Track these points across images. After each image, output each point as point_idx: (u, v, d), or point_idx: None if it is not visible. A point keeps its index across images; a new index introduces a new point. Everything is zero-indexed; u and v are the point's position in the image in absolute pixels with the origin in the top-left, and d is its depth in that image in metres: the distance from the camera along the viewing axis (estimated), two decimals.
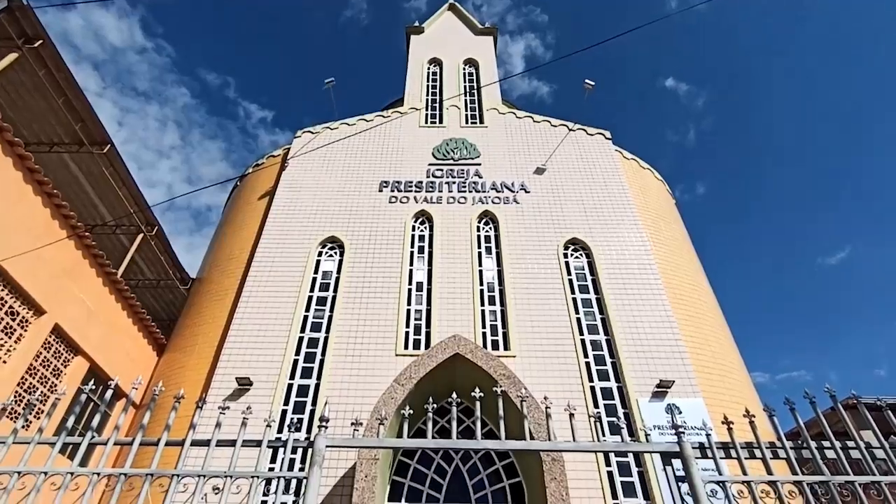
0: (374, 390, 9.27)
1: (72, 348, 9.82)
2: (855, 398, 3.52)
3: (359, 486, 7.58)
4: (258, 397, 9.82)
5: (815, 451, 3.26)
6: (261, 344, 10.85)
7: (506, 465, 9.25)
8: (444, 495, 8.93)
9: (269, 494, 8.58)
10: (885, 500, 3.04)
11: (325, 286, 12.13)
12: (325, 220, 13.41)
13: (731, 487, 3.15)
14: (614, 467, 9.18)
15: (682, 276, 12.80)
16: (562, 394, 9.60)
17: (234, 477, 3.20)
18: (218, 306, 12.08)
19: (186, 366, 11.14)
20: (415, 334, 11.17)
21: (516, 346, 10.76)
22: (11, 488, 3.08)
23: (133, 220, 12.84)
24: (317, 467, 3.26)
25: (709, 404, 9.71)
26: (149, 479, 3.15)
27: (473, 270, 12.27)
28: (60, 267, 9.54)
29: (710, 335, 11.69)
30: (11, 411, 8.01)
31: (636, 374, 10.34)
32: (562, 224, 13.30)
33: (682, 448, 3.30)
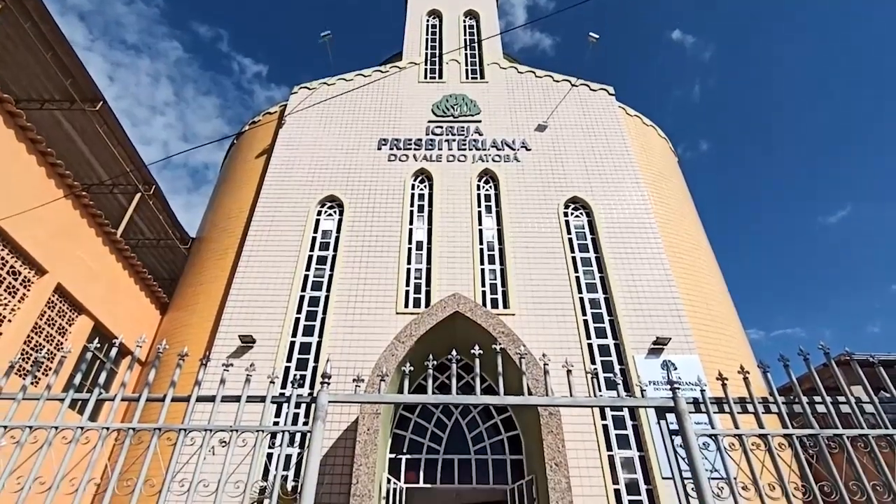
0: (375, 348, 9.43)
1: (75, 307, 9.92)
2: (848, 355, 3.58)
3: (361, 439, 7.82)
4: (261, 354, 10.00)
5: (805, 406, 3.34)
6: (262, 302, 10.96)
7: (504, 420, 9.52)
8: (444, 448, 9.22)
9: (274, 447, 8.87)
10: (871, 451, 3.13)
11: (325, 245, 12.15)
12: (323, 179, 13.29)
13: (723, 440, 3.24)
14: (609, 421, 9.45)
15: (681, 234, 12.79)
16: (560, 351, 9.78)
17: (239, 431, 3.29)
18: (219, 265, 12.13)
19: (189, 324, 11.29)
20: (415, 293, 11.26)
21: (515, 305, 10.87)
22: (24, 442, 3.17)
23: (130, 179, 12.71)
24: (320, 422, 3.35)
25: (704, 361, 9.90)
26: (157, 434, 3.24)
27: (473, 229, 12.25)
28: (59, 227, 9.51)
29: (708, 293, 11.80)
30: (20, 369, 8.19)
31: (633, 331, 10.49)
32: (562, 182, 13.19)
33: (677, 403, 3.38)
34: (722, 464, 3.14)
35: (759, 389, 6.74)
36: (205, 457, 3.17)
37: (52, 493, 2.97)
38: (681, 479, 3.26)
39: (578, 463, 8.53)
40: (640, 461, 9.03)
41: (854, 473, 3.04)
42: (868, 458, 3.15)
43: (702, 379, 3.68)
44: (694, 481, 3.10)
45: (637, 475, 8.90)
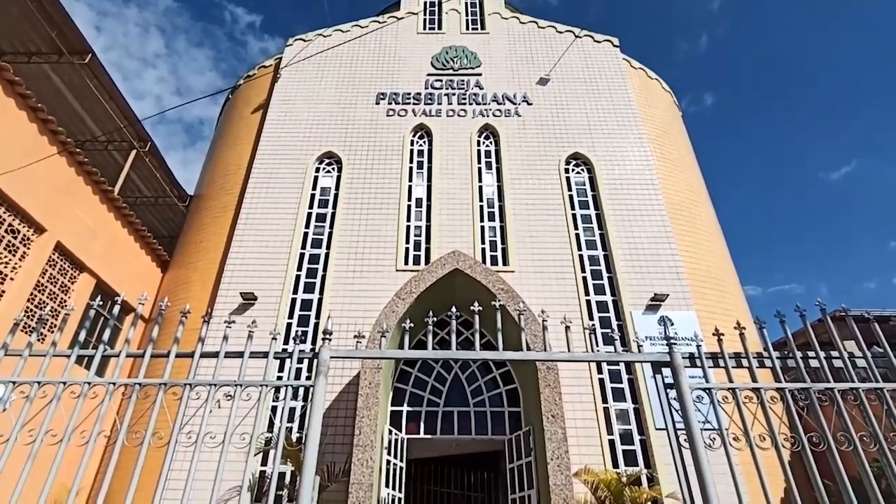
0: (376, 304, 9.53)
1: (76, 265, 9.95)
2: (843, 311, 3.62)
3: (363, 393, 8.02)
4: (263, 311, 10.12)
5: (799, 361, 3.39)
6: (263, 260, 11.00)
7: (503, 374, 9.73)
8: (444, 401, 9.48)
9: (278, 401, 9.11)
10: (860, 404, 3.21)
11: (323, 202, 12.08)
12: (321, 135, 13.08)
13: (717, 394, 3.32)
14: (606, 375, 9.67)
15: (682, 190, 12.70)
16: (559, 307, 9.88)
17: (244, 386, 3.36)
18: (218, 223, 12.11)
19: (191, 281, 11.38)
20: (415, 250, 11.29)
21: (515, 262, 10.91)
22: (34, 397, 3.24)
23: (124, 135, 12.50)
24: (322, 377, 3.42)
25: (701, 317, 10.03)
26: (163, 389, 3.31)
27: (473, 186, 12.16)
28: (55, 184, 9.43)
29: (707, 250, 11.83)
30: (25, 326, 8.30)
31: (631, 288, 10.58)
32: (564, 138, 12.98)
33: (673, 358, 3.43)
34: (715, 416, 3.23)
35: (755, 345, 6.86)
36: (210, 410, 3.25)
37: (64, 445, 3.06)
38: (674, 430, 3.36)
39: (574, 415, 8.78)
40: (635, 413, 9.30)
41: (842, 425, 3.13)
42: (857, 411, 3.23)
43: (698, 335, 3.73)
44: (687, 432, 3.19)
45: (631, 426, 9.18)
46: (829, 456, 3.06)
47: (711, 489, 3.00)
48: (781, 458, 3.08)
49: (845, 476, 3.00)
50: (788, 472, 3.05)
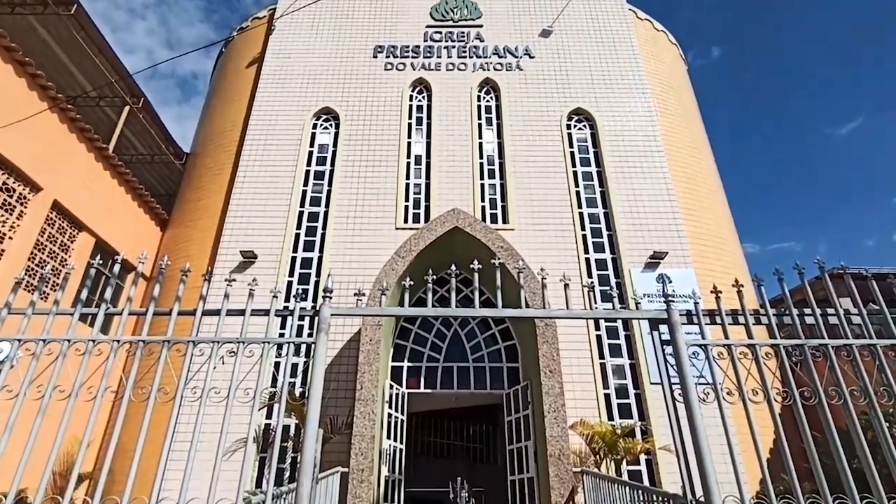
0: (376, 262, 9.56)
1: (75, 224, 9.92)
2: (842, 268, 3.63)
3: (364, 349, 8.17)
4: (263, 269, 10.16)
5: (795, 318, 3.43)
6: (262, 218, 10.96)
7: (502, 330, 9.88)
8: (444, 356, 9.65)
9: (281, 357, 9.28)
10: (853, 360, 3.26)
11: (321, 160, 11.93)
12: (318, 90, 12.78)
13: (712, 350, 3.37)
14: (603, 332, 9.82)
15: (685, 147, 12.52)
16: (558, 265, 9.92)
17: (246, 342, 3.40)
18: (216, 181, 11.99)
19: (190, 240, 11.38)
20: (414, 208, 11.24)
21: (515, 220, 10.88)
22: (39, 354, 3.29)
23: (116, 90, 12.19)
24: (323, 334, 3.46)
25: (699, 274, 10.09)
26: (166, 346, 3.36)
27: (473, 143, 11.98)
28: (48, 142, 9.28)
29: (708, 207, 11.77)
30: (27, 284, 8.36)
31: (631, 245, 10.60)
32: (566, 93, 12.69)
33: (670, 315, 3.47)
34: (710, 372, 3.29)
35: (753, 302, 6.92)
36: (215, 366, 3.31)
37: (72, 400, 3.13)
38: (669, 384, 3.43)
39: (571, 370, 8.97)
40: (631, 368, 9.50)
41: (834, 380, 3.19)
42: (850, 366, 3.29)
43: (696, 292, 3.76)
44: (681, 386, 3.26)
45: (627, 381, 9.40)
46: (820, 409, 3.14)
47: (704, 441, 3.09)
48: (773, 412, 3.16)
49: (834, 428, 3.09)
50: (779, 424, 3.14)
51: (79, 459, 3.05)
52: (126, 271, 10.47)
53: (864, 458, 3.00)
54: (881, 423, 3.09)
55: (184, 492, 2.90)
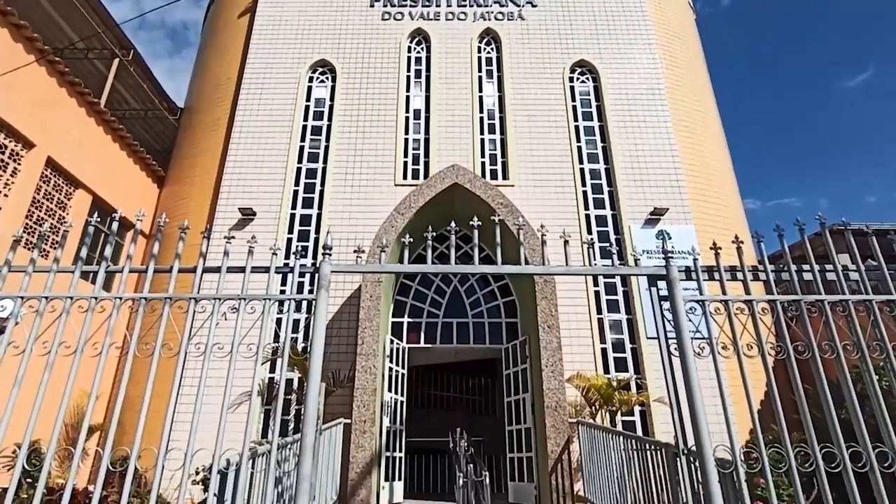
0: (375, 219, 9.53)
1: (71, 182, 9.83)
2: (843, 224, 3.61)
3: (364, 305, 8.27)
4: (262, 227, 10.14)
5: (793, 274, 3.45)
6: (260, 174, 10.85)
7: (501, 287, 9.96)
8: (444, 312, 9.77)
9: (282, 313, 9.39)
10: (848, 315, 3.30)
11: (318, 115, 11.69)
12: (313, 42, 12.37)
13: (709, 306, 3.40)
14: (602, 287, 9.90)
15: (690, 100, 12.24)
16: (558, 221, 9.88)
17: (247, 299, 3.43)
18: (212, 137, 11.79)
19: (188, 197, 11.30)
20: (413, 164, 11.10)
21: (515, 176, 10.78)
22: (43, 311, 3.32)
23: (104, 42, 11.81)
24: (324, 290, 3.49)
25: (699, 231, 10.08)
26: (168, 302, 3.39)
27: (473, 96, 11.72)
28: (37, 97, 9.06)
29: (710, 163, 11.63)
30: (27, 242, 8.35)
31: (631, 201, 10.54)
32: (569, 44, 12.30)
33: (669, 271, 3.49)
34: (706, 327, 3.34)
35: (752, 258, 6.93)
36: (217, 323, 3.36)
37: (78, 356, 3.19)
38: (665, 339, 3.49)
39: (569, 325, 9.09)
40: (628, 323, 9.63)
41: (829, 334, 3.24)
42: (844, 321, 3.33)
43: (696, 248, 3.77)
44: (678, 341, 3.32)
45: (623, 336, 9.55)
46: (812, 363, 3.20)
47: (697, 394, 3.17)
48: (766, 365, 3.23)
49: (825, 380, 3.16)
50: (772, 377, 3.21)
51: (88, 412, 3.14)
52: (125, 229, 10.45)
53: (853, 409, 3.08)
54: (871, 375, 3.16)
55: (191, 442, 2.99)
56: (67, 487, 2.94)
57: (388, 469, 8.16)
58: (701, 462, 3.05)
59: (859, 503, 2.87)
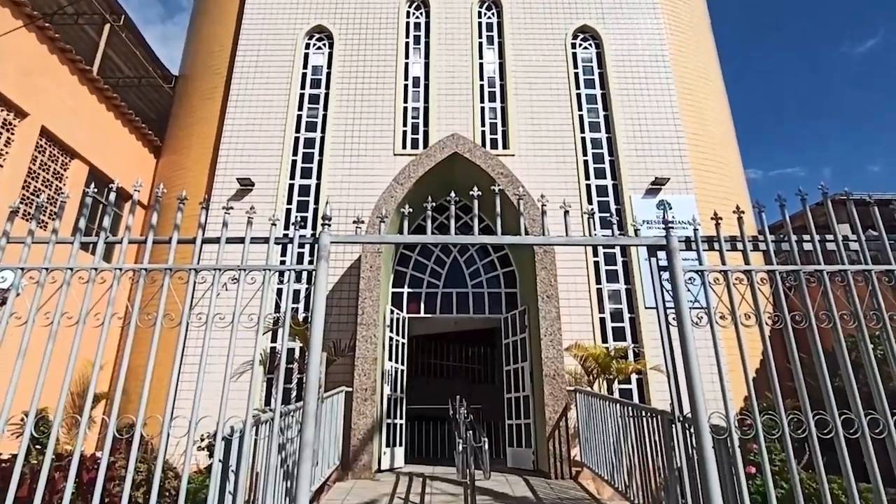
0: (374, 189, 9.47)
1: (67, 152, 9.72)
2: (845, 194, 3.59)
3: (364, 276, 8.29)
4: (261, 197, 10.08)
5: (793, 244, 3.44)
6: (257, 144, 10.73)
7: (500, 257, 9.97)
8: (443, 282, 9.82)
9: (283, 283, 9.43)
10: (847, 285, 3.32)
11: (316, 82, 11.48)
12: (310, 7, 12.04)
13: (709, 276, 3.41)
14: (601, 258, 9.91)
15: (694, 66, 12.00)
16: (558, 191, 9.83)
17: (247, 270, 3.44)
18: (208, 105, 11.60)
19: (186, 167, 11.20)
20: (412, 133, 10.97)
21: (515, 145, 10.66)
22: (44, 282, 3.33)
23: (94, 6, 11.49)
24: (323, 261, 3.49)
25: (700, 201, 10.03)
26: (168, 273, 3.39)
27: (473, 63, 11.48)
28: (28, 64, 8.87)
29: (713, 132, 11.49)
30: (24, 213, 8.31)
31: (632, 171, 10.46)
32: (572, 8, 11.98)
33: (669, 241, 3.48)
34: (705, 297, 3.36)
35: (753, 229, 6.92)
36: (218, 293, 3.37)
37: (80, 326, 3.21)
38: (664, 309, 3.51)
39: (568, 295, 9.15)
40: (626, 293, 9.69)
41: (826, 304, 3.26)
42: (842, 291, 3.35)
43: (696, 218, 3.76)
44: (676, 311, 3.34)
45: (622, 305, 9.62)
46: (809, 332, 3.23)
47: (694, 362, 3.21)
48: (763, 334, 3.26)
49: (821, 349, 3.19)
50: (768, 345, 3.24)
51: (93, 381, 3.18)
52: (122, 199, 10.37)
53: (847, 377, 3.13)
54: (867, 344, 3.20)
55: (195, 410, 3.04)
56: (75, 453, 3.00)
57: (390, 435, 8.34)
58: (696, 428, 3.11)
59: (849, 468, 2.94)
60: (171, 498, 4.00)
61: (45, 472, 2.93)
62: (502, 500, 6.26)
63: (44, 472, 2.92)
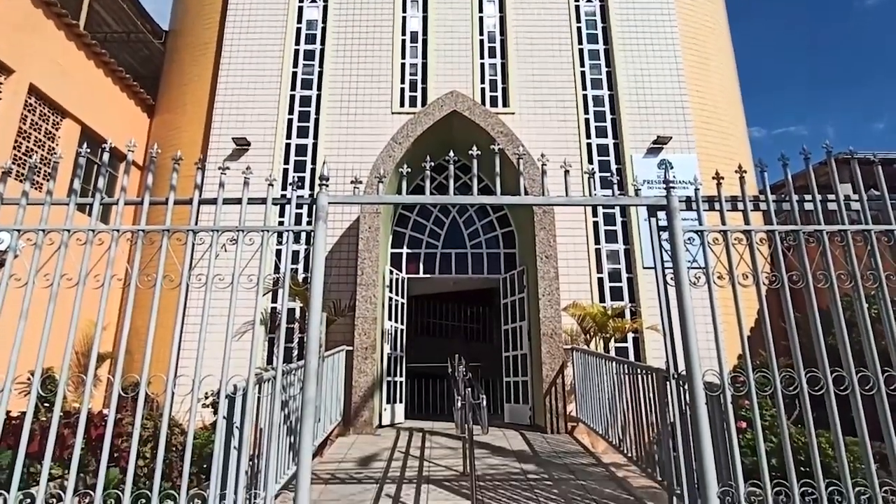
0: (372, 149, 9.34)
1: (57, 111, 9.51)
2: (850, 153, 3.54)
3: (363, 237, 8.29)
4: (257, 157, 9.95)
5: (795, 204, 3.42)
6: (252, 103, 10.50)
7: (499, 217, 9.93)
8: (442, 243, 9.82)
9: (281, 244, 9.42)
10: (846, 245, 3.32)
11: (311, 38, 11.13)
12: None
13: (708, 236, 3.41)
14: (600, 218, 9.88)
15: (700, 19, 11.61)
16: (559, 151, 9.68)
17: (245, 231, 3.43)
18: (201, 62, 11.28)
19: (180, 127, 10.99)
20: (410, 91, 10.72)
21: (515, 103, 10.45)
22: (41, 244, 3.32)
23: None
24: (322, 222, 3.47)
25: (702, 160, 9.92)
26: (166, 235, 3.38)
27: (473, 17, 11.11)
28: (11, 20, 8.56)
29: (717, 89, 11.23)
30: (17, 174, 8.21)
31: (634, 129, 10.30)
32: None
33: (669, 201, 3.46)
34: (703, 257, 3.36)
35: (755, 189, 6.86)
36: (217, 254, 3.37)
37: (81, 287, 3.22)
38: (662, 268, 3.52)
39: (567, 255, 9.17)
40: (625, 253, 9.71)
41: (824, 264, 3.27)
42: (841, 251, 3.35)
43: (697, 178, 3.72)
44: (674, 271, 3.35)
45: (620, 265, 9.66)
46: (805, 291, 3.25)
47: (690, 322, 3.24)
48: (760, 294, 3.28)
49: (816, 308, 3.23)
50: (764, 305, 3.27)
51: (96, 341, 3.22)
52: (116, 160, 10.23)
53: (840, 335, 3.17)
54: (862, 303, 3.23)
55: (198, 369, 3.10)
56: (83, 410, 3.07)
57: (390, 392, 8.54)
58: (690, 385, 3.18)
59: (838, 422, 3.02)
60: (177, 453, 4.12)
61: (54, 427, 3.00)
62: (500, 453, 6.46)
63: (53, 427, 3.00)
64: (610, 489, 4.95)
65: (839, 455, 2.99)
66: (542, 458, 6.23)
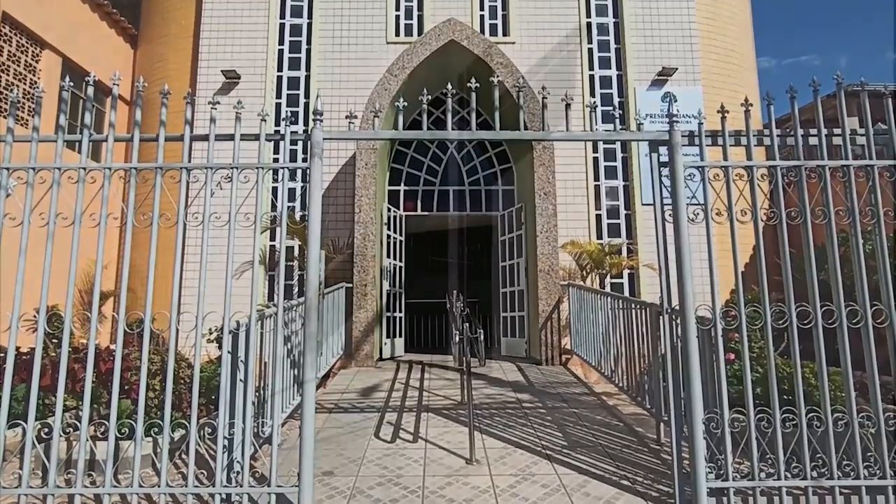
0: (367, 81, 9.01)
1: (35, 41, 9.07)
2: (860, 85, 3.42)
3: (360, 174, 8.18)
4: (248, 91, 9.60)
5: (799, 138, 3.36)
6: (240, 32, 10.02)
7: (498, 153, 9.76)
8: (440, 180, 9.71)
9: (278, 182, 9.30)
10: (848, 180, 3.28)
11: None
12: None
13: (709, 171, 3.37)
14: (601, 154, 9.72)
15: None
16: (560, 83, 9.36)
17: (240, 168, 3.37)
18: None
19: (166, 59, 10.53)
20: (406, 18, 10.20)
21: (516, 31, 9.99)
22: (32, 183, 3.27)
23: None
24: (317, 158, 3.41)
25: (707, 93, 9.62)
26: (160, 172, 3.32)
27: None
28: None
29: (727, 15, 10.70)
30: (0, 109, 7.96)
31: (639, 60, 9.92)
32: None
33: (672, 136, 3.38)
34: (703, 193, 3.34)
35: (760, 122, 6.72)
36: (212, 192, 3.33)
37: (77, 226, 3.21)
38: (661, 205, 3.51)
39: (566, 192, 9.10)
40: (624, 190, 9.65)
41: (823, 200, 3.25)
42: (842, 187, 3.33)
43: (702, 112, 3.61)
44: (673, 207, 3.34)
45: (619, 202, 9.62)
46: (803, 227, 3.25)
47: (687, 258, 3.27)
48: (757, 230, 3.29)
49: (812, 244, 3.25)
50: (760, 240, 3.29)
51: (97, 278, 3.24)
52: (102, 94, 9.88)
53: (833, 269, 3.21)
54: (858, 238, 3.24)
55: (201, 305, 3.15)
56: (90, 346, 3.15)
57: (390, 327, 8.76)
58: (682, 319, 3.25)
59: (823, 353, 3.12)
60: (185, 384, 4.27)
61: (63, 361, 3.09)
62: (496, 383, 6.73)
63: (62, 361, 3.08)
64: (601, 416, 5.20)
65: (822, 383, 3.12)
66: (537, 387, 6.49)
